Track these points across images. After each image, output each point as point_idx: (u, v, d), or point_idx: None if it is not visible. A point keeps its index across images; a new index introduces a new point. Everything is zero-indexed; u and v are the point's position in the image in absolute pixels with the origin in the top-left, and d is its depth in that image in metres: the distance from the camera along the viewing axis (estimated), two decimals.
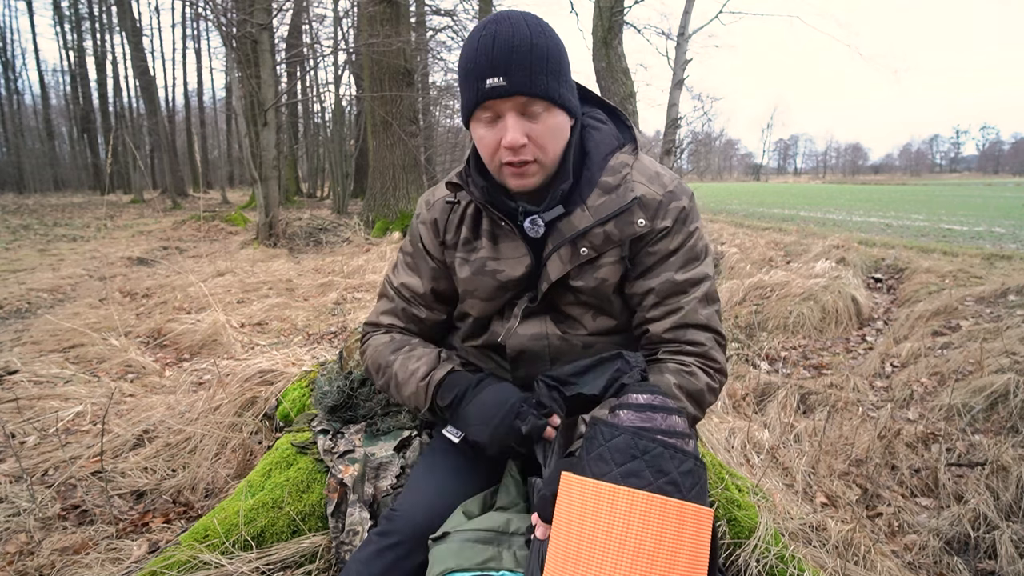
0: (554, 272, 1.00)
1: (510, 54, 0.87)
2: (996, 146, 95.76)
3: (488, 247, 1.05)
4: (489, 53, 0.87)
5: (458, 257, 1.09)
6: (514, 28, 0.88)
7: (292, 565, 1.29)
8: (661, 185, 1.02)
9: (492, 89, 0.88)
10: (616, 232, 0.99)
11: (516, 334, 1.06)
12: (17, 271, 5.99)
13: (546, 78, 0.89)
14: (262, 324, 4.09)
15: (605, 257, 1.01)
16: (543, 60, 0.88)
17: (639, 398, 0.87)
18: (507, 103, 0.89)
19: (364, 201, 10.25)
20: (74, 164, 27.28)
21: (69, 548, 1.52)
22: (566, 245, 0.99)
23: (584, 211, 0.99)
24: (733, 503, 1.48)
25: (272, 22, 8.98)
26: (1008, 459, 2.15)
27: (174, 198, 16.72)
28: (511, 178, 0.96)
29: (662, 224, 1.01)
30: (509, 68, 0.87)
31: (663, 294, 1.01)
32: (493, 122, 0.92)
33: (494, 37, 0.87)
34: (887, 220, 11.77)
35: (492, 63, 0.87)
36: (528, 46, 0.87)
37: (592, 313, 1.06)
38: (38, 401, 2.48)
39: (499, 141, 0.92)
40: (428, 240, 1.13)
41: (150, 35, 26.65)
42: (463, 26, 13.63)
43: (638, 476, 0.76)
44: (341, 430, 1.50)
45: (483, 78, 0.88)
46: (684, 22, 8.49)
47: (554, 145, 0.94)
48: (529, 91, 0.88)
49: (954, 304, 4.19)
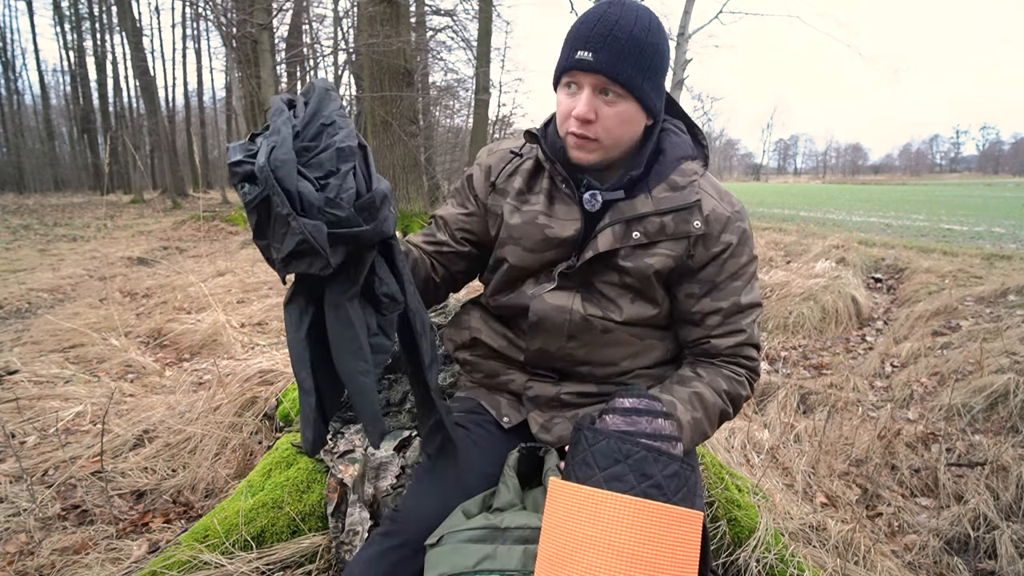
0: (603, 244, 1.03)
1: (607, 34, 0.91)
2: (996, 146, 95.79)
3: (543, 203, 1.08)
4: (590, 27, 0.92)
5: (508, 204, 1.11)
6: (623, 14, 0.92)
7: (292, 565, 1.29)
8: (730, 203, 1.07)
9: (579, 61, 0.92)
10: (672, 226, 1.03)
11: (543, 300, 1.08)
12: (17, 271, 5.99)
13: (632, 68, 0.92)
14: (262, 324, 4.09)
15: (658, 247, 1.04)
16: (636, 50, 0.92)
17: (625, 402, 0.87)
18: (588, 77, 0.94)
19: None
20: (74, 164, 27.28)
21: (69, 548, 1.52)
22: (621, 224, 1.02)
23: (647, 198, 1.03)
24: (733, 503, 1.48)
25: (272, 22, 8.98)
26: (1008, 459, 2.15)
27: (174, 198, 16.72)
28: (573, 148, 1.01)
29: (729, 238, 1.05)
30: (601, 46, 0.91)
31: (729, 315, 1.07)
32: (573, 92, 0.97)
33: (601, 16, 0.92)
34: (887, 220, 11.77)
35: (588, 37, 0.92)
36: (627, 33, 0.91)
37: (631, 297, 1.07)
38: (38, 401, 2.48)
39: (571, 109, 0.96)
40: (478, 180, 1.16)
41: (150, 35, 26.61)
42: (463, 26, 13.64)
43: (621, 480, 0.76)
44: (341, 430, 1.50)
45: (576, 48, 0.93)
46: (684, 22, 8.50)
47: (620, 131, 0.98)
48: (610, 73, 0.92)
49: (954, 304, 4.19)
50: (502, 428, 1.16)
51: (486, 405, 1.19)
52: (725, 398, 1.05)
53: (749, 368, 1.09)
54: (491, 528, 0.92)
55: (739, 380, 1.07)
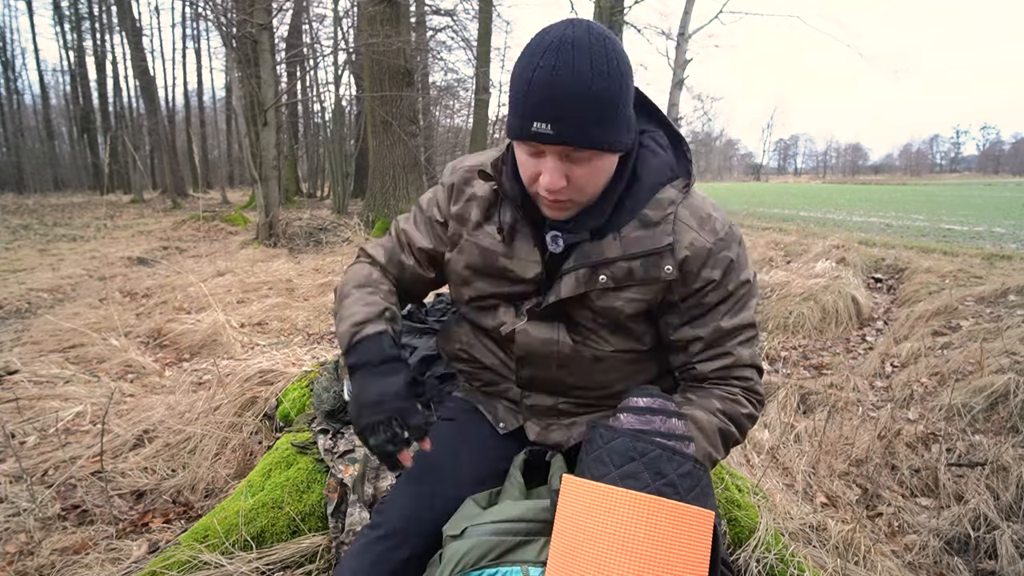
0: (565, 290, 0.97)
1: (563, 101, 0.80)
2: (996, 146, 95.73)
3: (504, 240, 1.02)
4: (542, 92, 0.80)
5: (467, 240, 1.06)
6: (576, 67, 0.79)
7: (292, 565, 1.29)
8: (712, 231, 0.96)
9: (536, 134, 0.82)
10: (640, 272, 0.95)
11: (527, 333, 1.03)
12: (17, 271, 5.99)
13: (598, 129, 0.83)
14: (262, 324, 4.09)
15: (627, 291, 0.97)
16: (599, 109, 0.81)
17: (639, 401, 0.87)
18: (551, 147, 0.85)
19: (364, 201, 10.24)
20: (74, 164, 27.27)
21: (69, 548, 1.52)
22: (586, 268, 0.96)
23: (616, 240, 0.94)
24: (733, 503, 1.48)
25: (272, 22, 8.98)
26: (1008, 459, 2.15)
27: (174, 198, 16.71)
28: (546, 207, 0.93)
29: (710, 275, 0.96)
30: (560, 117, 0.80)
31: (711, 341, 1.00)
32: (535, 154, 0.88)
33: (552, 74, 0.79)
34: (887, 220, 11.76)
35: (542, 106, 0.81)
36: (585, 94, 0.80)
37: (610, 330, 1.03)
38: (38, 401, 2.48)
39: (538, 174, 0.88)
40: (442, 202, 1.10)
41: (150, 35, 26.68)
42: (463, 26, 13.67)
43: (636, 478, 0.77)
44: (341, 430, 1.50)
45: (530, 118, 0.82)
46: (684, 22, 8.50)
47: (594, 185, 0.90)
48: (575, 143, 0.83)
49: (954, 304, 4.19)
50: (496, 432, 1.15)
51: (482, 409, 1.19)
52: (722, 417, 0.97)
53: (744, 388, 1.01)
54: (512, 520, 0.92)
55: (733, 398, 1.00)
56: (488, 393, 1.20)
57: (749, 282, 1.01)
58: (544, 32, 0.83)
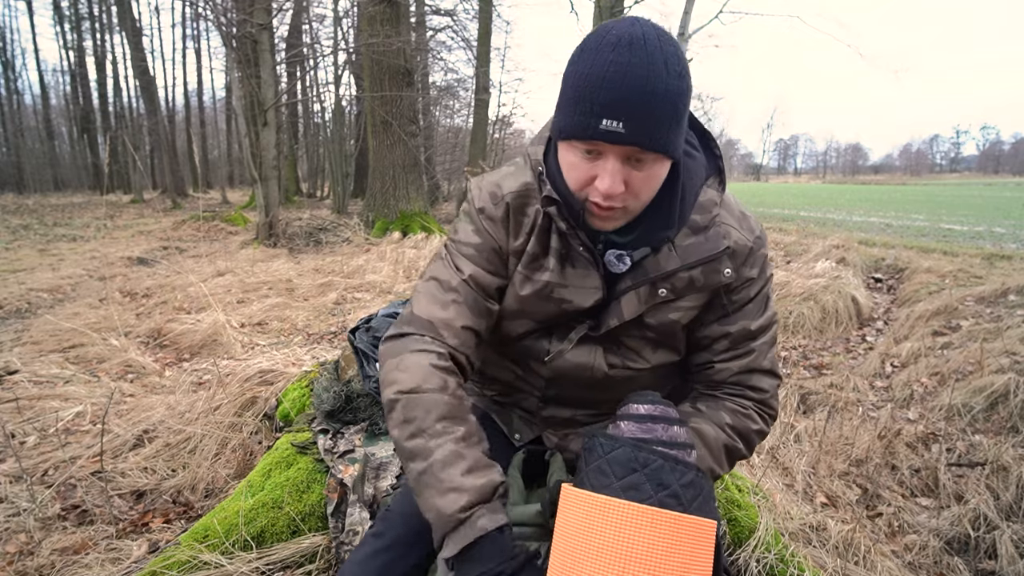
0: (628, 311, 0.93)
1: (639, 99, 0.74)
2: (996, 146, 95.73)
3: (556, 270, 0.94)
4: (615, 89, 0.74)
5: (520, 273, 0.96)
6: (650, 63, 0.74)
7: (292, 565, 1.29)
8: (749, 230, 0.95)
9: (607, 133, 0.76)
10: (701, 279, 0.93)
11: (564, 359, 0.99)
12: (17, 271, 5.99)
13: (668, 131, 0.78)
14: (262, 324, 4.09)
15: (683, 300, 0.94)
16: (671, 110, 0.77)
17: (640, 408, 0.85)
18: (617, 148, 0.78)
19: (364, 201, 10.25)
20: (74, 164, 27.27)
21: (69, 548, 1.52)
22: (646, 285, 0.92)
23: (671, 251, 0.91)
24: (733, 503, 1.48)
25: (272, 22, 8.98)
26: (1008, 459, 2.15)
27: (174, 198, 16.71)
28: (592, 217, 0.87)
29: (749, 273, 0.95)
30: (632, 115, 0.75)
31: (737, 340, 0.97)
32: (591, 156, 0.81)
33: (626, 71, 0.74)
34: (887, 220, 11.77)
35: (615, 103, 0.75)
36: (661, 93, 0.75)
37: (653, 347, 0.99)
38: (38, 401, 2.48)
39: (592, 177, 0.82)
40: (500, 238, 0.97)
41: (150, 35, 26.68)
42: (463, 26, 13.67)
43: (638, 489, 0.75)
44: (341, 430, 1.50)
45: (599, 115, 0.76)
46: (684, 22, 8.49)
47: (649, 192, 0.85)
48: (646, 144, 0.77)
49: (954, 304, 4.19)
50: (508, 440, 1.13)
51: (497, 419, 1.15)
52: (730, 432, 0.95)
53: (757, 400, 0.98)
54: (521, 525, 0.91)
55: (745, 412, 0.97)
56: (501, 403, 1.16)
57: (772, 279, 1.01)
58: (606, 29, 0.78)
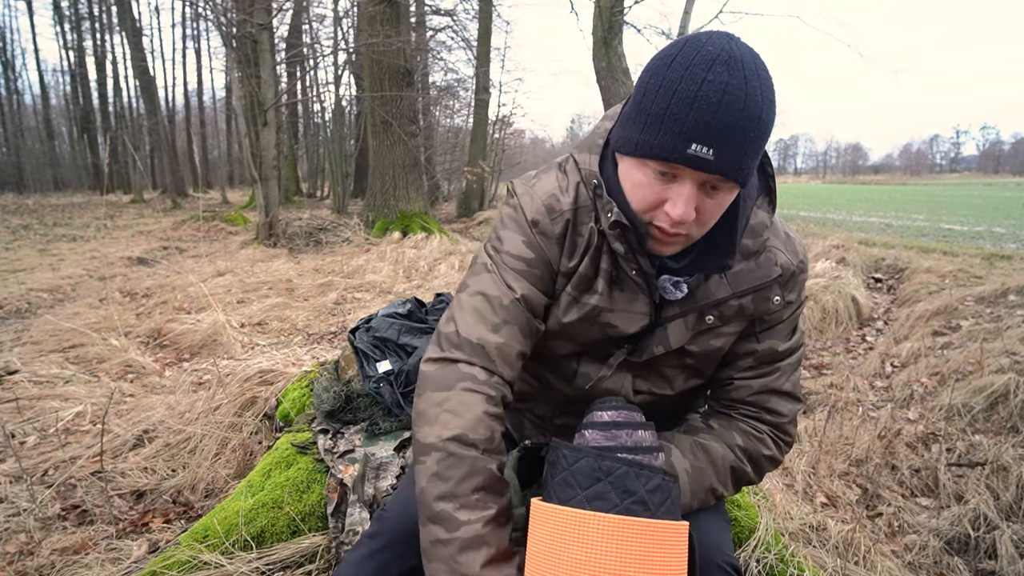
0: (675, 339, 0.90)
1: (734, 127, 0.70)
2: (996, 146, 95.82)
3: (605, 293, 0.89)
4: (710, 113, 0.69)
5: (568, 295, 0.91)
6: (747, 89, 0.70)
7: (292, 565, 1.29)
8: (794, 253, 0.92)
9: (695, 158, 0.71)
10: (751, 307, 0.90)
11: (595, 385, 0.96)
12: (17, 271, 5.99)
13: (752, 160, 0.74)
14: (262, 324, 4.09)
15: (728, 327, 0.91)
16: (759, 140, 0.73)
17: (604, 415, 0.84)
18: (699, 174, 0.73)
19: (364, 201, 10.25)
20: (74, 164, 27.27)
21: (69, 548, 1.52)
22: (695, 313, 0.88)
23: (722, 278, 0.87)
24: (733, 503, 1.48)
25: (272, 22, 8.98)
26: (1008, 459, 2.15)
27: (174, 198, 16.71)
28: (653, 241, 0.82)
29: (789, 297, 0.92)
30: (726, 143, 0.70)
31: (762, 359, 0.94)
32: (665, 178, 0.76)
33: (724, 93, 0.69)
34: (887, 220, 11.77)
35: (709, 128, 0.70)
36: (755, 121, 0.71)
37: (687, 375, 0.96)
38: (38, 401, 2.48)
39: (662, 201, 0.77)
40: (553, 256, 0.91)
41: (150, 35, 26.68)
42: (463, 26, 13.67)
43: (604, 499, 0.74)
44: (341, 430, 1.50)
45: (688, 139, 0.70)
46: (684, 22, 8.51)
47: (715, 218, 0.81)
48: (731, 174, 0.73)
49: (954, 304, 4.19)
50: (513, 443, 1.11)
51: (508, 425, 1.13)
52: (740, 454, 0.91)
53: (773, 424, 0.94)
54: None
55: (759, 436, 0.93)
56: (514, 408, 1.13)
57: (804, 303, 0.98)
58: (699, 43, 0.72)
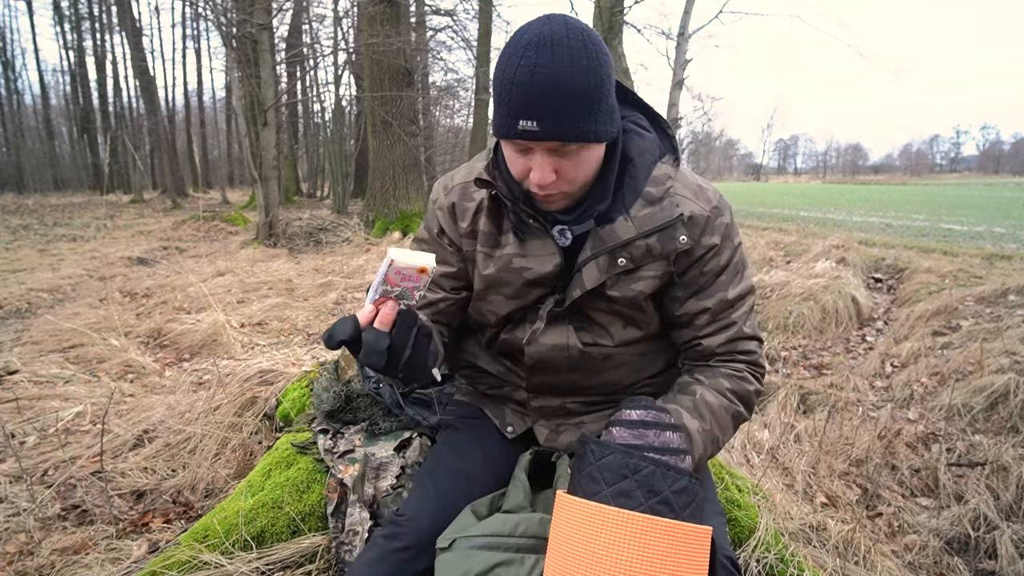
0: (589, 280, 0.98)
1: (546, 97, 0.79)
2: (996, 146, 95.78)
3: (514, 243, 1.02)
4: (524, 90, 0.80)
5: (480, 252, 1.05)
6: (555, 61, 0.79)
7: (292, 565, 1.29)
8: (706, 200, 1.00)
9: (524, 132, 0.82)
10: (658, 246, 0.97)
11: (537, 342, 1.04)
12: (17, 271, 5.99)
13: (583, 122, 0.83)
14: (262, 324, 4.09)
15: (644, 270, 0.99)
16: (582, 103, 0.81)
17: (632, 414, 0.85)
18: (538, 143, 0.85)
19: (364, 201, 10.25)
20: (74, 164, 27.27)
21: (69, 548, 1.52)
22: (605, 254, 0.97)
23: (627, 221, 0.96)
24: (733, 503, 1.48)
25: (272, 22, 8.98)
26: (1008, 459, 2.15)
27: (174, 198, 16.71)
28: (539, 202, 0.96)
29: (710, 241, 0.99)
30: (545, 113, 0.80)
31: (717, 312, 1.01)
32: (523, 151, 0.88)
33: (533, 71, 0.79)
34: (887, 220, 11.77)
35: (526, 103, 0.80)
36: (568, 88, 0.80)
37: (622, 323, 1.04)
38: (38, 401, 2.48)
39: (528, 169, 0.89)
40: (447, 225, 1.08)
41: (150, 35, 26.71)
42: (463, 26, 13.66)
43: (629, 496, 0.75)
44: (341, 430, 1.50)
45: (516, 116, 0.82)
46: (684, 22, 8.51)
47: (584, 175, 0.91)
48: (563, 137, 0.83)
49: (954, 304, 4.19)
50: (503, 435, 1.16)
51: (489, 414, 1.18)
52: (732, 397, 0.99)
53: (748, 362, 1.03)
54: (504, 535, 0.91)
55: (740, 375, 1.02)
56: (493, 396, 1.19)
57: (741, 247, 1.05)
58: (522, 30, 0.83)
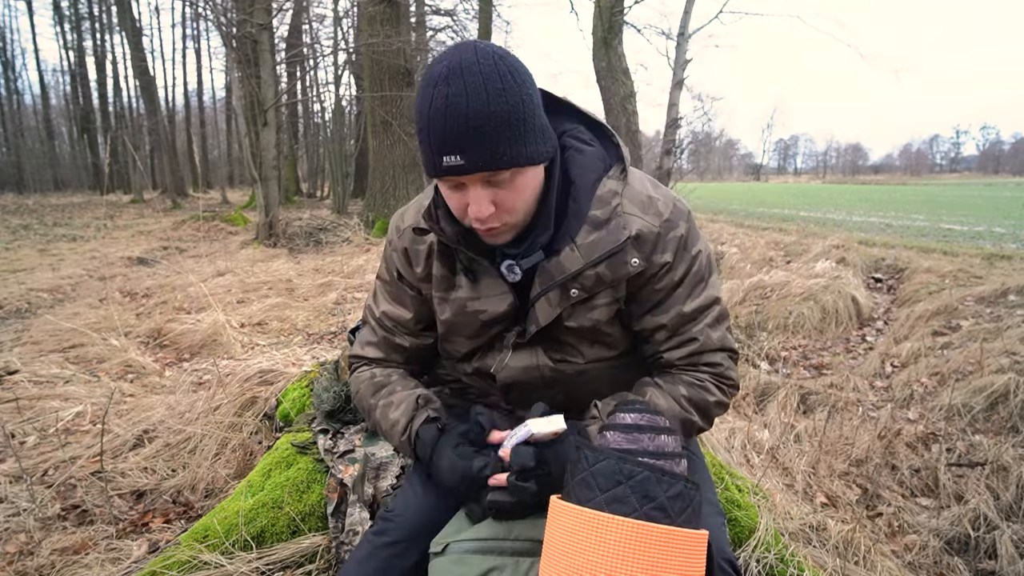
0: (543, 316, 0.96)
1: (465, 129, 0.76)
2: (996, 146, 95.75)
3: (467, 285, 0.99)
4: (442, 124, 0.77)
5: (436, 296, 1.03)
6: (468, 89, 0.76)
7: (292, 565, 1.29)
8: (656, 214, 0.94)
9: (450, 167, 0.79)
10: (608, 273, 0.93)
11: (507, 367, 1.03)
12: (17, 271, 5.99)
13: (509, 147, 0.79)
14: (262, 324, 4.09)
15: (598, 298, 0.96)
16: (504, 126, 0.78)
17: (627, 418, 0.84)
18: (468, 176, 0.81)
19: (364, 201, 10.25)
20: (74, 164, 27.28)
21: (69, 548, 1.52)
22: (555, 289, 0.93)
23: (574, 251, 0.91)
24: (733, 503, 1.48)
25: (272, 22, 8.98)
26: (1008, 459, 2.15)
27: (174, 198, 16.72)
28: (484, 237, 0.91)
29: (662, 259, 0.94)
30: (466, 146, 0.77)
31: (675, 328, 0.98)
32: (456, 187, 0.85)
33: (446, 103, 0.76)
34: (887, 220, 11.77)
35: (446, 138, 0.77)
36: (486, 115, 0.76)
37: (588, 343, 1.02)
38: (38, 401, 2.48)
39: (466, 205, 0.85)
40: (404, 270, 1.07)
41: (150, 35, 26.73)
42: (463, 26, 13.67)
43: (623, 502, 0.74)
44: (341, 430, 1.50)
45: (439, 153, 0.79)
46: (684, 22, 8.50)
47: (524, 202, 0.87)
48: (490, 167, 0.79)
49: (954, 304, 4.19)
50: None
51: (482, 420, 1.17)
52: (685, 404, 0.96)
53: (713, 373, 0.99)
54: (498, 539, 0.91)
55: (701, 385, 0.98)
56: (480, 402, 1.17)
57: (703, 256, 0.98)
58: (434, 64, 0.80)
